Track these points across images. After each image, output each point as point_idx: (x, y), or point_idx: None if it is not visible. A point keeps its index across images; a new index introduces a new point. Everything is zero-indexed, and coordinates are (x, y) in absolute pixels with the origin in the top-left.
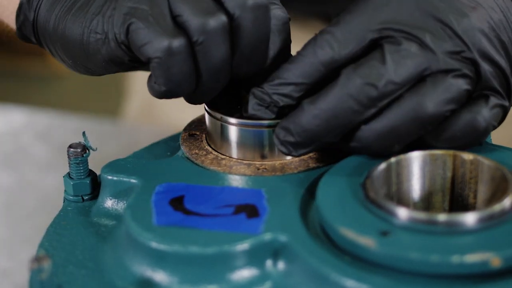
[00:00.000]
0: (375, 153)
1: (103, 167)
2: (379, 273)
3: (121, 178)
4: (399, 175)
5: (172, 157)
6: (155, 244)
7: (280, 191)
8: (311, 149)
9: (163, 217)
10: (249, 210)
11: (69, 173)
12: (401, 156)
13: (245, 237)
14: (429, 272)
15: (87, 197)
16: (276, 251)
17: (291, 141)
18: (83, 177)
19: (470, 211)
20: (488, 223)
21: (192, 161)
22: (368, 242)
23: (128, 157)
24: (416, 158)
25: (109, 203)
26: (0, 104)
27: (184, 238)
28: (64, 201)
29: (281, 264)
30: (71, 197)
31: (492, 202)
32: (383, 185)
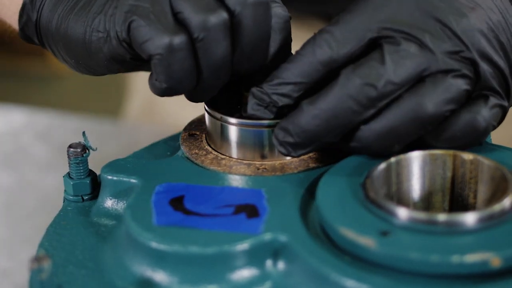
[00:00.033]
0: (375, 153)
1: (103, 167)
2: (379, 273)
3: (121, 178)
4: (399, 175)
5: (172, 157)
6: (155, 244)
7: (280, 191)
8: (310, 149)
9: (163, 217)
10: (249, 210)
11: (69, 173)
12: (401, 156)
13: (245, 237)
14: (429, 272)
15: (87, 197)
16: (276, 251)
17: (290, 141)
18: (83, 177)
19: (470, 211)
20: (488, 223)
21: (192, 161)
22: (368, 242)
23: (128, 157)
24: (416, 158)
25: (109, 203)
26: (0, 104)
27: (184, 238)
28: (64, 201)
29: (281, 264)
30: (71, 197)
31: (492, 202)
32: (383, 185)
